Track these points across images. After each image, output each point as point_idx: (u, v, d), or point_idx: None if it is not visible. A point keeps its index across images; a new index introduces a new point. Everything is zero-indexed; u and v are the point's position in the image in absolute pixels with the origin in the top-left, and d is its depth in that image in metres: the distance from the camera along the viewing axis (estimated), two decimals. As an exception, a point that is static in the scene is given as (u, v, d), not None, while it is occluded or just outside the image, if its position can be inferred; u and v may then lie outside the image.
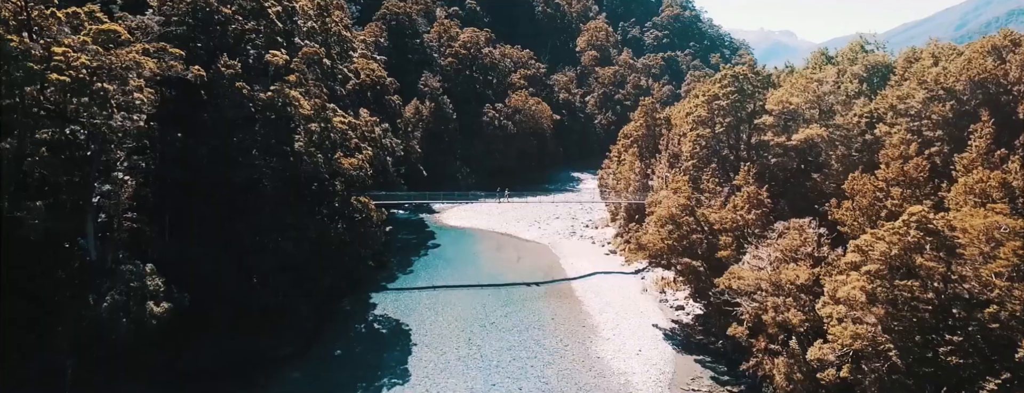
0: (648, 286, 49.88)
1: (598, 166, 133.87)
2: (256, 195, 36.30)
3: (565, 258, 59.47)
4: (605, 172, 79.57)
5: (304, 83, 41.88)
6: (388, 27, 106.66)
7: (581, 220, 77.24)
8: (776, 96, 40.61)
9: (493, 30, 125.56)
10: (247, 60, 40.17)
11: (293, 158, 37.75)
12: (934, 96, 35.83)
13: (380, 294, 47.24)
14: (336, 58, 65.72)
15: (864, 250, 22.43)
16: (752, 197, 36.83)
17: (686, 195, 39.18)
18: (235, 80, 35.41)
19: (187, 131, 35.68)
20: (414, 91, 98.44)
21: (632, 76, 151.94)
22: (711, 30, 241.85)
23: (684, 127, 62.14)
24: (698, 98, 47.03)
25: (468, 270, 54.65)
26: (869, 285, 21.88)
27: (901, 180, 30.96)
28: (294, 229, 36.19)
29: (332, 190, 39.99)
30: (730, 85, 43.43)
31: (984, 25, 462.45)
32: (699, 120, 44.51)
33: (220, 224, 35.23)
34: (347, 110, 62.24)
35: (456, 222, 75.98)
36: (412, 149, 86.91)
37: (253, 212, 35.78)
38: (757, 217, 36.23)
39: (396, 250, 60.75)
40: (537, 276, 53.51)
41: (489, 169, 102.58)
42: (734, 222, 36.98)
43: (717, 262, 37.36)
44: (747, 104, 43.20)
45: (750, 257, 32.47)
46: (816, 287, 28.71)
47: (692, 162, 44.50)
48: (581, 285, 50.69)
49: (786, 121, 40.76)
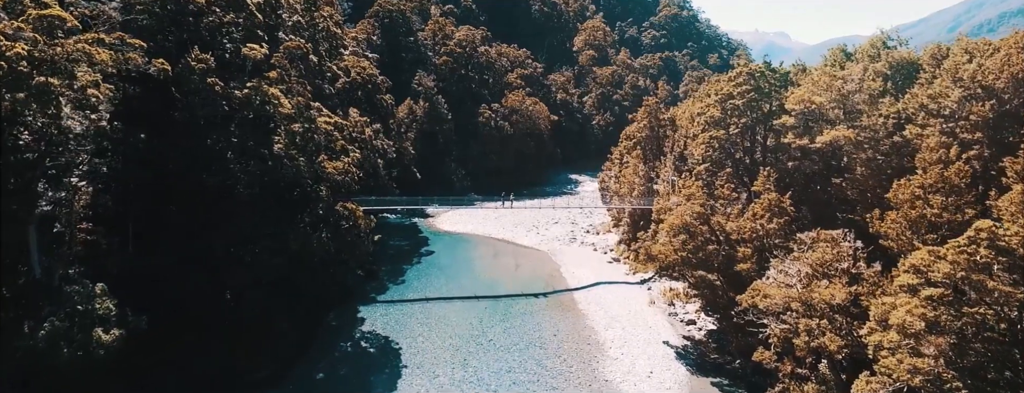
0: (655, 298, 46.80)
1: (597, 168, 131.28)
2: (231, 202, 33.00)
3: (566, 266, 56.35)
4: (606, 175, 76.51)
5: (286, 80, 38.64)
6: (381, 24, 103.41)
7: (581, 225, 74.16)
8: (797, 95, 37.60)
9: (489, 29, 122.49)
10: (223, 55, 36.88)
11: (272, 161, 34.49)
12: (972, 95, 32.94)
13: (369, 307, 43.98)
14: (325, 55, 62.43)
15: (922, 271, 19.37)
16: (773, 205, 33.79)
17: (700, 202, 36.11)
18: (207, 76, 32.10)
19: (155, 132, 32.42)
20: (408, 90, 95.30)
21: (630, 76, 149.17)
22: (709, 30, 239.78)
23: (691, 128, 59.26)
24: (710, 97, 43.99)
25: (463, 280, 51.45)
26: (931, 312, 18.82)
27: (941, 187, 28.03)
28: (272, 239, 32.93)
29: (316, 196, 36.71)
30: (745, 83, 40.42)
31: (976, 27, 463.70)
32: (712, 121, 41.45)
33: (191, 234, 31.89)
34: (336, 110, 59.00)
35: (451, 227, 72.79)
36: (405, 150, 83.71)
37: (227, 221, 32.46)
38: (779, 226, 33.17)
39: (387, 258, 57.53)
40: (537, 286, 50.38)
41: (485, 171, 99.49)
42: (753, 232, 33.92)
43: (735, 276, 34.31)
44: (763, 104, 40.22)
45: (775, 272, 29.39)
46: (854, 308, 25.69)
47: (704, 166, 41.40)
48: (584, 296, 47.57)
49: (808, 122, 37.78)
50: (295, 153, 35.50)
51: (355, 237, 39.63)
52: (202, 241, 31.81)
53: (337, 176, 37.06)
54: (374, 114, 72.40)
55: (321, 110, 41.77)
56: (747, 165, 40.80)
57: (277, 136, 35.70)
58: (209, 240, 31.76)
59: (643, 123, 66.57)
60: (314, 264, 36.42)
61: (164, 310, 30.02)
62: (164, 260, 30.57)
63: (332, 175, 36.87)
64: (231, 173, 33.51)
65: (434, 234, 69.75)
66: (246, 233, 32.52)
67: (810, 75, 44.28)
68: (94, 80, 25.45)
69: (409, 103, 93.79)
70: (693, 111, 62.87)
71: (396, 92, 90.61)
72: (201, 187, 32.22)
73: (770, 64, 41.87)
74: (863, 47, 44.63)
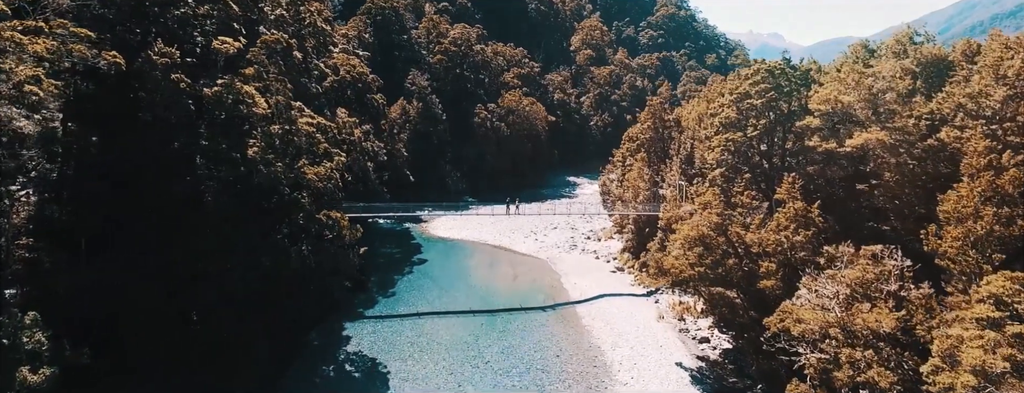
0: (664, 312, 43.61)
1: (595, 170, 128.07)
2: (199, 212, 29.61)
3: (567, 276, 53.11)
4: (607, 178, 73.40)
5: (264, 77, 35.26)
6: (373, 22, 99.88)
7: (581, 231, 70.96)
8: (822, 94, 34.48)
9: (485, 27, 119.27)
10: (194, 49, 33.47)
11: (246, 167, 31.06)
12: (1018, 94, 29.92)
13: (356, 324, 40.61)
14: (311, 52, 59.02)
15: (1006, 302, 16.24)
16: (800, 214, 30.65)
17: (717, 211, 32.93)
18: (170, 71, 28.69)
19: (113, 134, 28.99)
20: (401, 90, 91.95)
21: (628, 76, 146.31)
22: (706, 30, 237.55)
23: (699, 130, 56.20)
24: (723, 97, 40.86)
25: (458, 292, 48.14)
26: (1020, 354, 15.69)
27: (991, 196, 24.97)
28: (245, 254, 29.53)
29: (295, 205, 33.30)
30: (763, 82, 37.31)
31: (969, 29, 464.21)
32: (728, 122, 38.29)
33: (153, 248, 28.44)
34: (323, 110, 55.63)
35: (445, 233, 69.43)
36: (397, 152, 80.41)
37: (194, 233, 29.04)
38: (806, 239, 30.04)
39: (377, 267, 54.19)
40: (537, 299, 47.12)
41: (481, 173, 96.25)
42: (777, 245, 30.78)
43: (758, 293, 31.16)
44: (783, 103, 37.11)
45: (807, 292, 26.22)
46: (905, 337, 22.55)
47: (720, 171, 38.23)
48: (588, 310, 44.31)
49: (834, 123, 34.68)
50: (272, 157, 32.09)
51: (339, 249, 36.27)
52: (166, 256, 28.36)
53: (318, 183, 33.64)
54: (364, 114, 69.04)
55: (303, 110, 38.39)
56: (766, 170, 37.66)
57: (252, 139, 32.30)
58: (173, 255, 28.29)
59: (647, 124, 63.46)
60: (293, 279, 33.00)
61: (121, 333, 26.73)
62: (121, 278, 27.13)
63: (313, 182, 33.45)
64: (199, 180, 30.16)
65: (427, 240, 66.40)
66: (213, 247, 29.06)
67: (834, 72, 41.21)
68: (34, 75, 22.15)
69: (402, 103, 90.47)
70: (700, 111, 59.88)
71: (389, 92, 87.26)
72: (165, 196, 28.82)
73: (789, 60, 38.73)
74: (888, 43, 41.61)
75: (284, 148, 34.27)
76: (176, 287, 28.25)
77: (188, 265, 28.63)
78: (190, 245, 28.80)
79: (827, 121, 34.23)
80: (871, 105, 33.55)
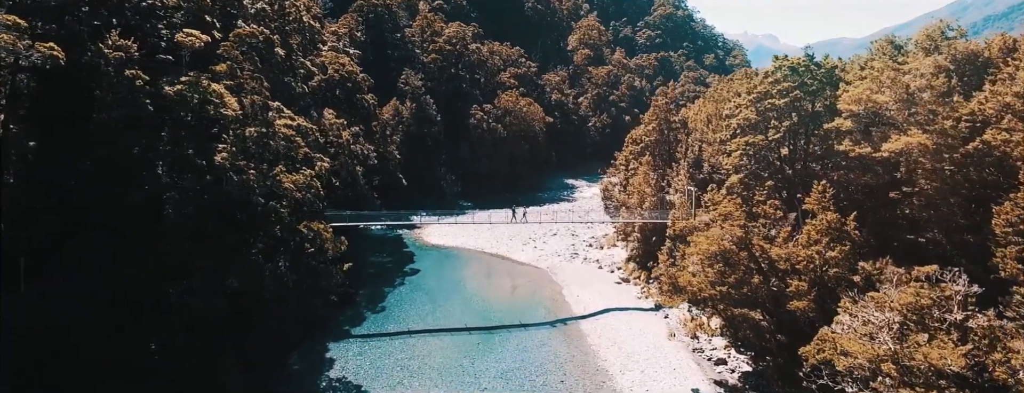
0: (675, 328, 40.39)
1: (594, 172, 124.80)
2: (159, 226, 26.25)
3: (569, 287, 49.85)
4: (609, 182, 70.18)
5: (237, 75, 31.91)
6: (365, 20, 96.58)
7: (582, 237, 67.70)
8: (854, 93, 31.34)
9: (480, 26, 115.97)
10: (158, 44, 30.11)
11: (213, 174, 27.71)
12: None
13: (341, 344, 37.22)
14: (297, 49, 55.60)
15: None
16: (833, 227, 27.49)
17: (739, 222, 29.72)
18: (124, 67, 25.31)
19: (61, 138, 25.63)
20: (394, 90, 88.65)
21: (626, 77, 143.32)
22: (704, 30, 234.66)
23: (709, 133, 53.14)
24: (740, 97, 37.72)
25: (453, 306, 44.80)
26: None
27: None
28: (210, 274, 26.17)
29: (271, 216, 29.95)
30: (785, 80, 34.20)
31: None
32: (747, 124, 35.13)
33: (105, 269, 25.06)
34: (309, 111, 52.27)
35: (439, 240, 66.07)
36: (390, 154, 77.00)
37: (154, 250, 25.67)
38: (842, 255, 26.87)
39: (366, 278, 50.84)
40: (537, 314, 43.84)
41: (477, 176, 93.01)
42: (809, 261, 27.61)
43: (787, 315, 27.98)
44: (806, 102, 34.01)
45: (848, 318, 23.01)
46: (975, 377, 19.37)
47: (739, 177, 35.06)
48: (593, 327, 41.05)
49: (867, 125, 31.55)
50: (243, 163, 28.73)
51: (321, 265, 32.93)
52: (119, 278, 24.97)
53: (296, 192, 30.29)
54: (354, 115, 65.72)
55: (282, 111, 35.05)
56: (789, 177, 34.50)
57: (222, 143, 28.93)
58: (127, 276, 24.90)
59: (651, 126, 60.33)
60: (270, 300, 29.64)
61: (68, 367, 23.36)
62: (66, 303, 23.76)
63: (290, 191, 30.09)
64: (161, 189, 26.79)
65: (420, 248, 63.04)
66: (177, 266, 25.71)
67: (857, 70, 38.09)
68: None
69: (395, 104, 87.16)
70: (709, 112, 56.80)
71: (381, 92, 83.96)
72: (119, 208, 25.44)
73: (812, 57, 35.60)
74: (917, 38, 38.46)
75: (259, 153, 30.96)
76: (131, 313, 24.86)
77: (145, 288, 25.25)
78: (147, 264, 25.43)
79: (860, 123, 31.08)
80: (907, 105, 30.41)
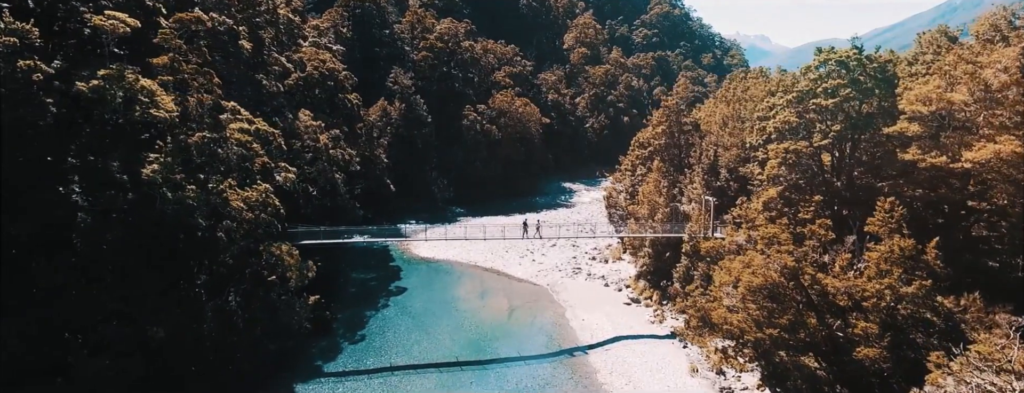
0: (696, 361, 35.16)
1: (592, 175, 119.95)
2: (65, 256, 20.78)
3: (573, 309, 44.59)
4: (614, 189, 64.94)
5: (179, 69, 26.45)
6: (352, 15, 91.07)
7: (584, 249, 62.44)
8: (921, 91, 26.20)
9: (474, 24, 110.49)
10: (82, 30, 24.60)
11: (138, 191, 22.26)
12: None
13: (311, 386, 31.70)
14: (270, 43, 50.19)
15: None
16: (907, 256, 22.34)
17: (788, 249, 24.52)
18: (19, 57, 19.86)
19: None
20: (382, 90, 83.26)
21: (624, 76, 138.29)
22: (701, 30, 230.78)
23: (724, 136, 48.08)
24: (776, 97, 32.56)
25: (442, 334, 39.45)
26: None
27: None
28: (126, 322, 20.72)
29: (217, 243, 24.51)
30: (832, 76, 29.08)
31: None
32: (786, 128, 29.95)
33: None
34: (283, 112, 46.84)
35: (428, 252, 60.62)
36: (376, 158, 71.62)
37: (56, 289, 20.19)
38: (921, 291, 21.71)
39: (346, 299, 45.51)
40: (538, 343, 38.56)
41: (470, 180, 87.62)
42: (877, 297, 22.44)
43: (852, 364, 22.79)
44: (856, 102, 28.88)
45: (952, 383, 17.81)
46: None
47: (777, 190, 29.87)
48: (602, 360, 35.79)
49: (936, 130, 26.43)
50: (181, 177, 23.29)
51: (284, 296, 27.50)
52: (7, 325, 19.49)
53: (247, 212, 24.86)
54: (336, 116, 60.31)
55: (238, 113, 29.56)
56: (838, 190, 29.32)
57: (155, 153, 23.48)
58: (16, 326, 19.42)
59: (660, 128, 55.16)
60: (209, 348, 24.17)
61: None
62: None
63: (240, 211, 24.65)
64: (67, 210, 21.33)
65: (408, 262, 57.63)
66: (80, 311, 20.24)
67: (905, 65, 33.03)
68: None
69: (383, 104, 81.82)
70: (725, 113, 51.78)
71: (369, 91, 78.61)
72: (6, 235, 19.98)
73: (861, 48, 30.46)
74: (977, 28, 33.39)
75: (205, 164, 25.50)
76: (17, 372, 19.38)
77: (42, 339, 19.77)
78: (45, 309, 19.96)
79: (929, 127, 25.97)
80: (988, 105, 25.31)
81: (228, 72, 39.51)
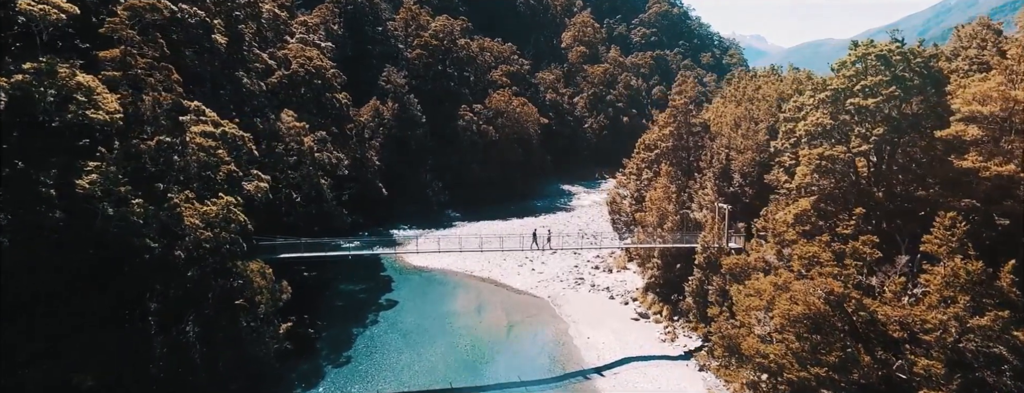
0: (714, 387, 31.92)
1: (591, 177, 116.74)
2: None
3: (577, 326, 41.33)
4: (617, 193, 61.71)
5: (132, 64, 23.06)
6: (343, 11, 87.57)
7: (586, 256, 59.16)
8: (979, 89, 23.00)
9: (470, 21, 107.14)
10: (14, 19, 21.18)
11: (71, 208, 18.86)
12: None
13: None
14: (250, 39, 46.78)
15: None
16: (976, 281, 19.13)
17: (831, 272, 21.27)
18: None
19: None
20: (375, 89, 79.78)
21: (623, 76, 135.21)
22: (700, 29, 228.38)
23: (736, 138, 44.93)
24: (805, 96, 29.33)
25: (435, 354, 36.14)
26: None
27: None
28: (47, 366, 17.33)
29: (172, 265, 21.12)
30: (873, 72, 25.87)
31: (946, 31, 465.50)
32: (818, 130, 26.72)
33: None
34: (265, 112, 43.46)
35: (421, 260, 57.23)
36: (368, 161, 68.30)
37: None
38: (996, 324, 18.50)
39: (333, 314, 42.18)
40: (540, 365, 35.29)
41: (466, 183, 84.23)
42: (941, 329, 19.22)
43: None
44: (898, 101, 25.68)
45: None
46: None
47: (810, 200, 26.61)
48: (611, 386, 32.54)
49: (998, 133, 23.23)
50: (125, 189, 19.90)
51: (253, 323, 24.12)
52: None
53: (203, 230, 21.48)
54: (324, 117, 56.97)
55: (202, 114, 26.14)
56: (880, 201, 26.07)
57: (95, 162, 20.08)
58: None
59: (667, 130, 52.07)
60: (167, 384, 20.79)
61: None
62: None
63: (194, 228, 21.28)
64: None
65: (400, 272, 54.28)
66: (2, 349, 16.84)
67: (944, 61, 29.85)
68: None
69: (375, 104, 78.36)
70: (737, 114, 48.64)
71: (361, 91, 75.19)
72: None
73: (901, 41, 27.25)
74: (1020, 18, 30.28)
75: (159, 173, 22.11)
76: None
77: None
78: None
79: (991, 130, 22.77)
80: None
81: (201, 69, 36.17)
